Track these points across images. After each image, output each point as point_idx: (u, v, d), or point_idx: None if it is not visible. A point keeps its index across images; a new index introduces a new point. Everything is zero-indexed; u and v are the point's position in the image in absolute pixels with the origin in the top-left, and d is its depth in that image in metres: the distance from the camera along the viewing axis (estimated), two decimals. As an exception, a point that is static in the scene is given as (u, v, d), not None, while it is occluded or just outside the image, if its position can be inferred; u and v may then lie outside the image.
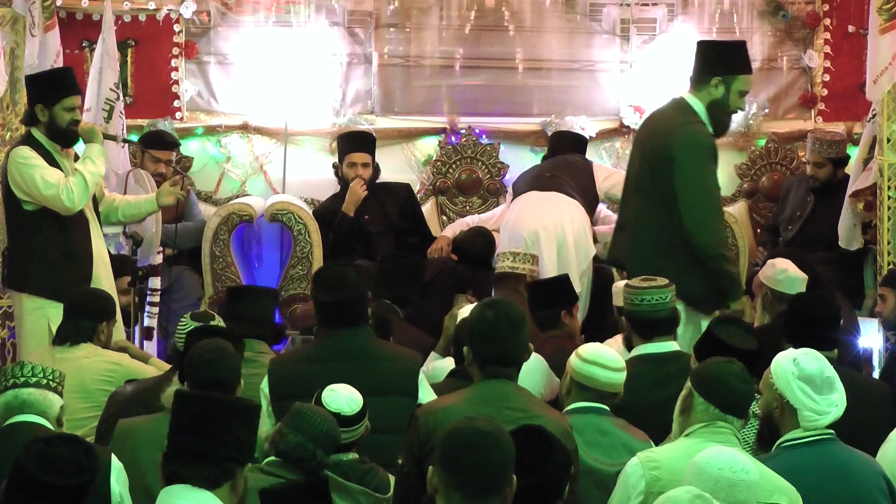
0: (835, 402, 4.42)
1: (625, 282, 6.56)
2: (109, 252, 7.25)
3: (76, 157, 6.90)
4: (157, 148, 8.30)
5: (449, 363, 5.71)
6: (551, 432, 3.74)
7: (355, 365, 4.92)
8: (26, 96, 7.01)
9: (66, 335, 5.93)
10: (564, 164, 8.11)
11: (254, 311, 5.94)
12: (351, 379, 4.72)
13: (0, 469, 3.69)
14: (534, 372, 5.44)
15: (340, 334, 5.04)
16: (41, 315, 6.67)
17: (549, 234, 7.60)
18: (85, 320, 5.96)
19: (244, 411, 3.78)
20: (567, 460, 3.70)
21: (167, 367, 5.91)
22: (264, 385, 5.09)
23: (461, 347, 5.15)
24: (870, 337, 7.46)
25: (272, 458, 4.42)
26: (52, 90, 6.77)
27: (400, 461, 4.41)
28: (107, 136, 7.12)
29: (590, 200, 8.04)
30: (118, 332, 6.84)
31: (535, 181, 7.97)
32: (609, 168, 8.57)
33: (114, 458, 4.36)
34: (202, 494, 3.64)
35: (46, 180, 6.60)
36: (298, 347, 5.36)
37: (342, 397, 4.57)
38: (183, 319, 5.62)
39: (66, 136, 6.80)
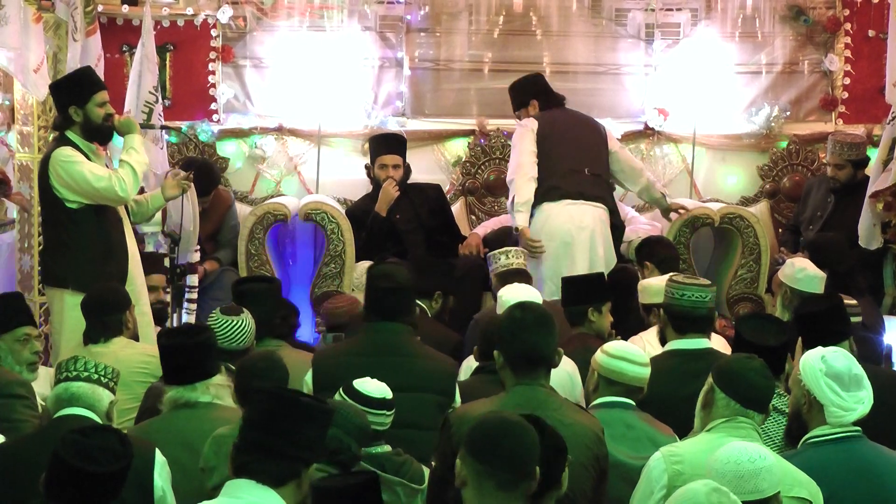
0: (862, 400, 4.44)
1: (653, 279, 6.73)
2: (143, 250, 7.34)
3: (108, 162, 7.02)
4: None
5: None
6: (545, 421, 3.76)
7: (393, 361, 5.06)
8: (55, 103, 7.04)
9: (98, 333, 6.00)
10: (597, 148, 8.03)
11: (254, 316, 5.80)
12: (388, 373, 4.83)
13: (47, 458, 3.74)
14: (565, 381, 5.49)
15: (382, 330, 5.19)
16: None
17: (583, 245, 7.69)
18: (109, 315, 6.04)
19: (317, 413, 3.79)
20: (561, 447, 3.72)
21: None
22: (308, 377, 5.21)
23: (484, 344, 5.32)
24: (891, 334, 7.45)
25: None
26: (82, 89, 6.83)
27: (433, 464, 4.49)
28: (144, 126, 7.20)
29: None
30: (149, 326, 6.97)
31: (576, 178, 7.83)
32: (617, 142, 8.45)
33: (157, 452, 4.39)
34: (265, 492, 3.66)
35: (96, 174, 6.67)
36: (341, 342, 5.48)
37: (372, 383, 4.68)
38: (213, 314, 5.66)
39: (103, 132, 6.86)
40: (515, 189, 7.75)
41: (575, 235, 7.70)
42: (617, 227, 8.02)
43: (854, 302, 6.37)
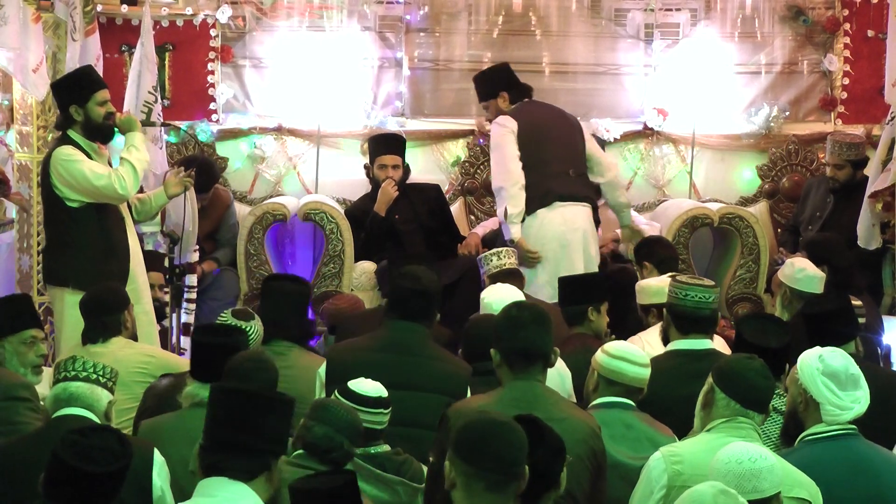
0: (858, 399, 4.45)
1: (652, 279, 6.73)
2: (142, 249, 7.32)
3: (109, 161, 7.00)
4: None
5: None
6: (543, 421, 3.77)
7: (407, 360, 5.10)
8: (56, 102, 7.07)
9: (97, 333, 5.99)
10: (578, 147, 7.97)
11: (272, 314, 5.85)
12: (400, 372, 4.91)
13: (45, 459, 3.73)
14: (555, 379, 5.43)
15: (400, 328, 5.23)
16: None
17: (578, 245, 7.70)
18: (108, 315, 6.01)
19: (280, 405, 3.86)
20: (559, 447, 3.73)
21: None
22: (322, 370, 5.25)
23: (469, 347, 5.37)
24: (891, 334, 7.50)
25: (300, 451, 4.47)
26: (82, 89, 6.84)
27: (431, 458, 4.52)
28: (145, 124, 7.20)
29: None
30: (151, 325, 7.02)
31: (563, 180, 7.80)
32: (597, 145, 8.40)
33: (156, 452, 4.40)
34: (239, 486, 3.72)
35: (96, 172, 6.68)
36: (359, 337, 5.46)
37: (367, 383, 4.70)
38: (223, 315, 5.65)
39: (103, 130, 6.87)
40: (507, 199, 7.68)
41: (570, 237, 7.70)
42: (597, 223, 8.03)
43: (860, 303, 6.39)
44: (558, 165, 7.82)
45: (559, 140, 7.90)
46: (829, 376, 4.45)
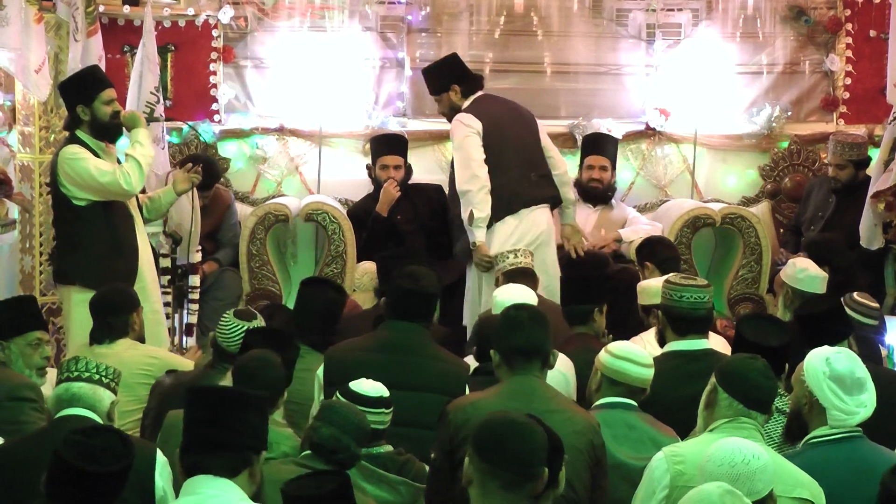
0: (864, 403, 4.46)
1: (653, 280, 6.73)
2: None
3: (117, 160, 7.04)
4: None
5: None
6: (543, 420, 3.76)
7: (405, 359, 5.11)
8: (64, 103, 7.12)
9: (103, 334, 6.01)
10: (537, 146, 7.91)
11: (300, 318, 5.94)
12: (399, 371, 4.93)
13: (47, 459, 3.75)
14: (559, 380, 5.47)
15: (399, 328, 5.23)
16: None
17: (543, 247, 7.69)
18: (115, 316, 6.04)
19: (255, 401, 3.89)
20: (558, 446, 3.72)
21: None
22: (320, 372, 5.26)
23: (482, 344, 5.36)
24: (892, 334, 7.51)
25: (307, 451, 4.50)
26: (88, 88, 6.88)
27: (432, 455, 4.55)
28: (150, 120, 7.25)
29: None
30: (160, 325, 7.05)
31: (526, 184, 7.74)
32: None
33: (159, 452, 4.41)
34: (223, 482, 3.74)
35: (101, 169, 6.73)
36: (357, 337, 5.47)
37: (367, 383, 4.73)
38: (226, 315, 5.65)
39: (110, 129, 6.93)
40: (474, 203, 7.58)
41: (536, 239, 7.67)
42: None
43: (876, 305, 6.40)
44: (520, 169, 7.77)
45: (519, 141, 7.84)
46: (835, 380, 4.45)
